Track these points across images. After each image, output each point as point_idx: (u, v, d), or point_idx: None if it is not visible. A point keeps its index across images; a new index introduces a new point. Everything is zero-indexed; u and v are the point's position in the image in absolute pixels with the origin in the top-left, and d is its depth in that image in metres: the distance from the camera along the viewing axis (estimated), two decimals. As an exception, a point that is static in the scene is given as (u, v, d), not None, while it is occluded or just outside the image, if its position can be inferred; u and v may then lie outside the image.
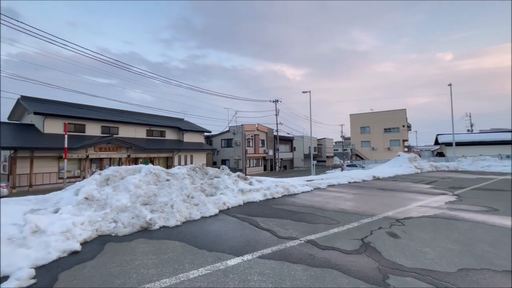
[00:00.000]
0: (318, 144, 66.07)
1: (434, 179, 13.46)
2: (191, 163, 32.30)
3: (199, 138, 36.44)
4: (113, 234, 4.68)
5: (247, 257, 3.65)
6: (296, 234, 4.64)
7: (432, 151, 51.57)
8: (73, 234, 4.16)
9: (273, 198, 8.37)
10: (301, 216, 5.96)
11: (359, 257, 3.64)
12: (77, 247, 3.91)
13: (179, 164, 30.96)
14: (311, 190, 10.05)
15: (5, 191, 14.39)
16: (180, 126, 34.64)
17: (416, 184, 11.64)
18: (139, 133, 29.79)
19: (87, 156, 23.04)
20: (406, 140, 55.87)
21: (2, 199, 6.11)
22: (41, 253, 3.53)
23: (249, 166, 38.60)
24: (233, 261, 3.50)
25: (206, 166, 9.34)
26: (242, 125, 38.37)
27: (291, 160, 53.87)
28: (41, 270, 3.27)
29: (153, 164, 9.42)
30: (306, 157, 55.72)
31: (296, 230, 4.92)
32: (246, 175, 9.77)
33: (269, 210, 6.63)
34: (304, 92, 27.68)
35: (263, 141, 43.16)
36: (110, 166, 23.89)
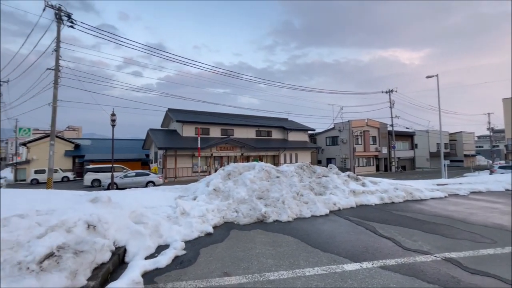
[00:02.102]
0: (450, 140, 52.79)
1: None
2: (296, 161, 32.96)
3: (303, 137, 36.77)
4: (235, 222, 5.37)
5: (366, 264, 3.33)
6: (428, 248, 3.86)
7: None
8: (207, 219, 5.05)
9: (392, 202, 7.32)
10: (433, 227, 4.92)
11: (537, 295, 2.62)
12: (211, 230, 4.72)
13: (285, 162, 32.27)
14: (445, 197, 8.15)
15: (160, 180, 19.33)
16: (285, 125, 36.07)
17: None
18: (250, 133, 33.18)
19: (211, 155, 27.75)
20: None
21: (161, 186, 8.18)
22: (187, 231, 4.47)
23: (358, 166, 35.55)
24: (350, 266, 3.28)
25: (311, 164, 9.25)
26: (349, 121, 35.80)
27: (412, 160, 45.59)
28: (188, 244, 4.13)
29: (261, 162, 10.19)
30: (433, 156, 45.72)
31: (427, 243, 4.09)
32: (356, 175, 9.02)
33: (388, 216, 5.84)
34: (428, 77, 22.79)
35: (374, 137, 38.67)
36: (228, 163, 27.74)
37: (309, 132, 38.83)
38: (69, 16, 16.97)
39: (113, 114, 16.72)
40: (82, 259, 2.73)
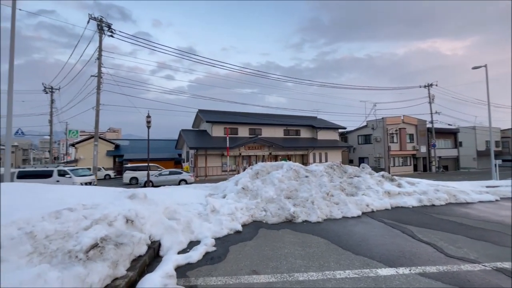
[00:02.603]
0: (502, 137, 47.37)
1: None
2: (326, 160, 32.08)
3: (333, 135, 35.69)
4: (264, 221, 5.38)
5: (402, 270, 3.13)
6: (476, 256, 3.51)
7: None
8: (236, 217, 5.13)
9: (432, 205, 6.79)
10: (482, 234, 4.46)
11: None
12: (239, 228, 4.79)
13: (314, 161, 31.58)
14: (496, 200, 7.35)
15: (192, 179, 20.12)
16: (314, 124, 35.31)
17: None
18: (278, 132, 33.07)
19: (240, 154, 28.17)
20: None
21: (192, 184, 8.49)
22: (217, 228, 4.59)
23: (394, 165, 33.52)
24: (385, 271, 3.10)
25: (342, 164, 8.93)
26: (383, 118, 33.90)
27: (456, 159, 41.75)
28: (218, 241, 4.24)
29: (290, 161, 10.08)
30: (481, 155, 41.42)
31: (474, 250, 3.73)
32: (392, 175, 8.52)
33: (428, 219, 5.42)
34: (475, 68, 20.62)
35: (411, 135, 36.15)
36: (256, 162, 27.93)
37: (340, 130, 37.57)
38: (109, 26, 18.37)
39: (148, 116, 17.77)
40: (122, 251, 2.94)
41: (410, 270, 3.12)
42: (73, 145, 35.24)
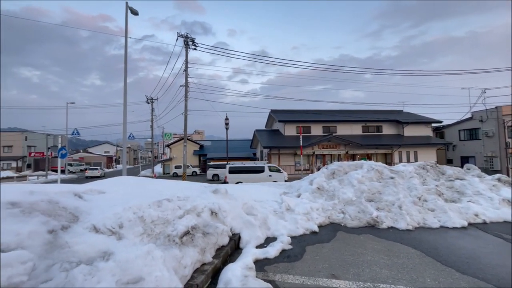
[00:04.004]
0: None
1: None
2: (415, 160, 27.80)
3: (424, 131, 30.59)
4: (342, 224, 5.07)
5: (536, 303, 2.40)
6: None
7: None
8: (312, 217, 5.01)
9: None
10: None
11: None
12: (316, 228, 4.65)
13: (400, 161, 27.81)
14: None
15: (266, 177, 20.86)
16: (399, 118, 31.09)
17: None
18: (355, 130, 30.62)
19: (313, 153, 27.41)
20: None
21: (266, 182, 8.71)
22: (292, 227, 4.58)
23: (514, 167, 26.23)
24: (508, 300, 2.45)
25: (437, 164, 7.55)
26: (496, 107, 26.98)
27: None
28: (293, 239, 4.22)
29: (370, 160, 9.15)
30: None
31: None
32: (513, 179, 6.69)
33: None
34: None
35: (543, 128, 27.52)
36: (331, 161, 26.63)
37: (433, 124, 32.01)
38: (193, 41, 20.82)
39: (226, 119, 19.32)
40: (208, 240, 3.28)
41: (549, 304, 2.37)
42: (168, 146, 41.58)
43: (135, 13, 13.38)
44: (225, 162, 21.68)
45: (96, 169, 35.02)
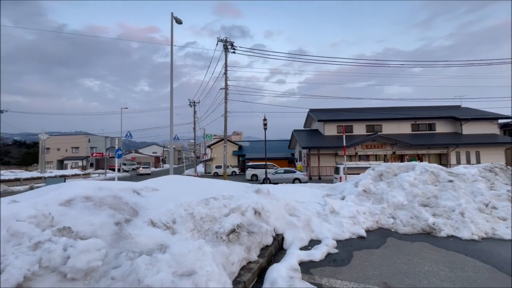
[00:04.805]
0: None
1: None
2: (477, 162, 24.52)
3: (488, 128, 26.82)
4: (392, 230, 4.72)
5: None
6: None
7: None
8: (358, 221, 4.76)
9: None
10: None
11: None
12: (363, 233, 4.41)
13: (458, 162, 24.79)
14: None
15: (305, 178, 20.37)
16: (456, 115, 27.75)
17: None
18: (403, 128, 28.23)
19: (356, 153, 26.01)
20: None
21: (307, 183, 8.55)
22: (338, 230, 4.41)
23: None
24: None
25: (508, 166, 6.57)
26: None
27: None
28: (339, 243, 4.06)
29: (421, 162, 8.33)
30: None
31: None
32: None
33: None
34: None
35: None
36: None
37: (500, 121, 27.97)
38: (231, 44, 21.42)
39: (264, 119, 19.45)
40: (253, 238, 3.33)
41: None
42: (209, 146, 43.43)
43: (179, 22, 14.27)
44: (263, 163, 21.82)
45: (147, 167, 41.28)
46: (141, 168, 39.42)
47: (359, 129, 28.15)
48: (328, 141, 26.79)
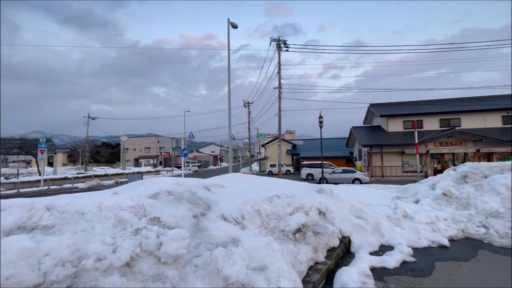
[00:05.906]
0: None
1: None
2: None
3: None
4: (484, 241, 4.02)
5: None
6: None
7: None
8: (438, 228, 4.20)
9: None
10: None
11: None
12: (445, 242, 3.87)
13: None
14: None
15: (367, 178, 18.91)
16: None
17: None
18: (490, 121, 23.64)
19: (427, 151, 22.93)
20: None
21: (372, 184, 7.94)
22: (413, 237, 3.98)
23: None
24: None
25: None
26: None
27: None
28: (416, 251, 3.66)
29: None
30: None
31: None
32: None
33: None
34: None
35: None
36: (453, 162, 21.63)
37: None
38: (284, 43, 21.34)
39: (320, 116, 18.81)
40: (319, 239, 3.26)
41: None
42: (263, 145, 44.24)
43: (235, 26, 14.89)
44: (319, 162, 21.12)
45: (196, 164, 45.92)
46: (191, 166, 44.04)
47: (431, 124, 24.85)
48: (393, 138, 24.34)
